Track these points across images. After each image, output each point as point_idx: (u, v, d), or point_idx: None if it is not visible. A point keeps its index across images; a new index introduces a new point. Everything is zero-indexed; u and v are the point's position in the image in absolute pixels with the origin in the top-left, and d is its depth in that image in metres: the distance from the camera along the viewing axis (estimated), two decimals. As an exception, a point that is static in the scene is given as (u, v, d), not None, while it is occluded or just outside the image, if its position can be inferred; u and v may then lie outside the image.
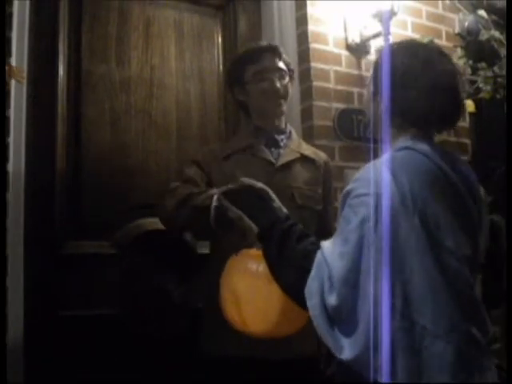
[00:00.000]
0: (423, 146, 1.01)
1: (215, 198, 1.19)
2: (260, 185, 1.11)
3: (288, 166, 1.50)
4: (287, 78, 1.55)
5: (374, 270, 0.90)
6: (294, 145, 1.56)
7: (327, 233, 1.49)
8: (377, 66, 1.08)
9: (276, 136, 1.55)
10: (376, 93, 1.07)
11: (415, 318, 0.89)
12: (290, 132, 1.59)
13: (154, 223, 1.78)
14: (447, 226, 0.95)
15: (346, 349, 0.89)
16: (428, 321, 0.89)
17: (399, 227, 0.92)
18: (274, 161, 1.50)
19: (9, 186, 1.51)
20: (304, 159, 1.55)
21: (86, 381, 1.59)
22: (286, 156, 1.52)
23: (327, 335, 0.91)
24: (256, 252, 1.11)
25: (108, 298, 1.66)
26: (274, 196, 1.10)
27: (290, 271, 0.99)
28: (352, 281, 0.90)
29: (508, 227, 1.43)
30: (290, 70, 1.58)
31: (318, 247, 0.97)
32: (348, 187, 0.99)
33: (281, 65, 1.55)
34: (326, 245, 0.97)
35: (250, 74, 1.53)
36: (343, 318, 0.90)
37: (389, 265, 0.90)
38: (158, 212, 1.52)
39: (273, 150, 1.54)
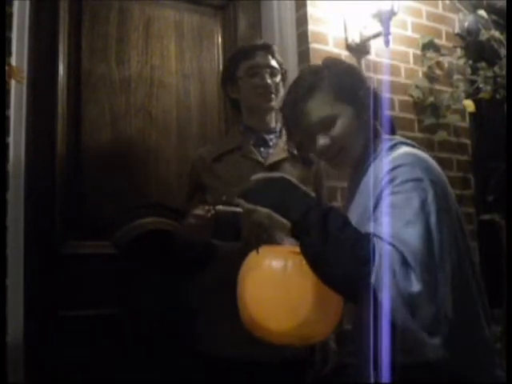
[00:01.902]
0: (408, 140, 1.09)
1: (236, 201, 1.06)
2: (278, 174, 1.04)
3: (277, 165, 1.50)
4: (279, 77, 1.56)
5: (446, 249, 0.91)
6: (284, 144, 1.56)
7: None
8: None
9: (265, 135, 1.56)
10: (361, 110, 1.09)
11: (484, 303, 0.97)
12: (281, 131, 1.59)
13: (154, 223, 1.78)
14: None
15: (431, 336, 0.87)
16: (483, 311, 0.96)
17: (458, 209, 0.99)
18: (262, 160, 1.51)
19: (9, 186, 1.51)
20: (294, 158, 1.54)
21: (86, 381, 1.59)
22: (276, 155, 1.52)
23: (412, 325, 0.86)
24: (280, 248, 1.05)
25: (108, 298, 1.66)
26: (297, 182, 1.01)
27: (343, 262, 0.88)
28: (431, 264, 0.88)
29: (508, 227, 1.44)
30: (282, 69, 1.58)
31: (365, 234, 0.91)
32: (386, 177, 0.96)
33: (273, 63, 1.56)
34: (385, 230, 0.90)
35: (243, 71, 1.55)
36: (425, 304, 0.86)
37: (450, 246, 0.92)
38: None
39: (262, 149, 1.54)
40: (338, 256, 0.89)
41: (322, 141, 1.06)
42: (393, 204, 0.93)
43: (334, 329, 1.05)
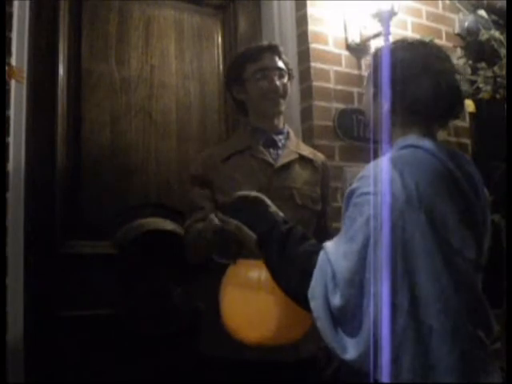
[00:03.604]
0: (428, 144, 1.00)
1: (210, 217, 1.20)
2: (254, 193, 1.13)
3: (287, 166, 1.50)
4: (286, 78, 1.55)
5: (379, 269, 0.89)
6: (292, 145, 1.56)
7: (326, 233, 1.50)
8: (376, 65, 1.06)
9: (274, 136, 1.54)
10: (376, 93, 1.05)
11: (422, 317, 0.88)
12: (288, 132, 1.58)
13: (154, 223, 1.78)
14: (454, 225, 0.94)
15: (350, 349, 0.89)
16: (435, 321, 0.88)
17: (405, 226, 0.90)
18: (273, 162, 1.50)
19: (9, 186, 1.51)
20: (302, 160, 1.54)
21: (86, 381, 1.59)
22: (285, 157, 1.52)
23: (330, 336, 0.91)
24: (254, 262, 1.10)
25: (108, 297, 1.66)
26: (269, 202, 1.11)
27: (292, 274, 0.97)
28: (357, 281, 0.89)
29: (508, 227, 1.43)
30: (289, 69, 1.58)
31: (319, 248, 0.97)
32: (352, 186, 0.98)
33: (280, 64, 1.55)
34: (330, 245, 0.96)
35: (250, 73, 1.53)
36: (347, 318, 0.90)
37: (395, 264, 0.89)
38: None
39: (271, 150, 1.53)
40: (290, 269, 0.98)
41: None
42: (347, 217, 0.96)
43: (308, 327, 1.11)
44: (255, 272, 1.10)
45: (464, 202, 0.98)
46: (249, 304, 1.09)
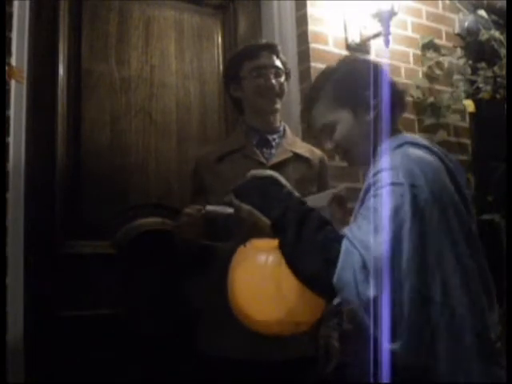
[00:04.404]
0: (422, 141, 1.06)
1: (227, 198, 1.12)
2: (267, 172, 1.08)
3: (280, 165, 1.49)
4: (283, 77, 1.56)
5: (416, 258, 0.90)
6: (287, 144, 1.55)
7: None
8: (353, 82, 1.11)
9: (268, 136, 1.55)
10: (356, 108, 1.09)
11: (455, 305, 0.91)
12: (284, 130, 1.58)
13: (154, 223, 1.78)
14: (460, 213, 0.99)
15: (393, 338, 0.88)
16: (465, 310, 0.91)
17: (433, 216, 0.93)
18: (264, 161, 1.50)
19: (8, 186, 1.51)
20: (297, 158, 1.54)
21: (86, 381, 1.59)
22: (278, 156, 1.52)
23: (370, 323, 0.88)
24: (266, 242, 1.07)
25: (108, 297, 1.66)
26: (283, 181, 1.06)
27: (312, 262, 0.93)
28: (393, 271, 0.88)
29: (508, 227, 1.44)
30: (286, 69, 1.58)
31: (339, 236, 0.94)
32: (370, 180, 0.98)
33: (277, 63, 1.55)
34: (354, 234, 0.93)
35: (247, 71, 1.53)
36: (382, 309, 0.88)
37: (428, 255, 0.91)
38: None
39: (264, 150, 1.53)
40: (309, 255, 0.93)
41: (327, 146, 1.13)
42: (368, 207, 0.95)
43: (318, 316, 1.09)
44: (264, 253, 1.04)
45: (460, 198, 1.01)
46: (259, 285, 1.04)
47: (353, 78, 1.11)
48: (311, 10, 2.02)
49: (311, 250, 0.94)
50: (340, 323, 1.51)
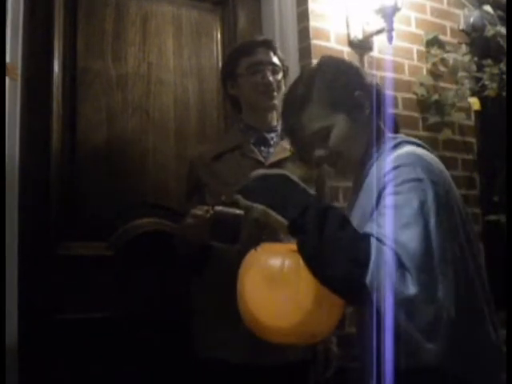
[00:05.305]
0: (412, 139, 1.07)
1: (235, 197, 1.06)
2: (276, 171, 1.04)
3: (278, 164, 1.47)
4: (281, 74, 1.54)
5: (448, 252, 0.89)
6: (285, 142, 1.53)
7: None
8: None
9: (266, 134, 1.53)
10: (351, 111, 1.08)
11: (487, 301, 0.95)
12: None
13: (151, 224, 1.76)
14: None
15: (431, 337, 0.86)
16: (490, 315, 0.95)
17: (460, 209, 0.96)
18: (263, 160, 1.49)
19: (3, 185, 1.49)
20: (296, 157, 1.51)
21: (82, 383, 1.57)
22: (277, 155, 1.50)
23: (407, 327, 0.85)
24: (279, 246, 1.03)
25: (104, 299, 1.64)
26: (296, 179, 1.01)
27: (339, 263, 0.87)
28: (429, 266, 0.86)
29: (508, 227, 1.45)
30: (284, 65, 1.56)
31: (364, 234, 0.90)
32: (386, 178, 0.95)
33: (275, 59, 1.54)
34: (381, 231, 0.89)
35: (243, 67, 1.52)
36: (421, 307, 0.84)
37: (463, 247, 0.93)
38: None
39: (262, 148, 1.52)
40: (334, 256, 0.88)
41: (319, 153, 1.07)
42: (392, 205, 0.91)
43: (335, 327, 1.03)
44: (281, 258, 0.99)
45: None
46: (274, 291, 0.98)
47: (341, 80, 1.07)
48: (312, 5, 2.00)
49: (336, 250, 0.88)
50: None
